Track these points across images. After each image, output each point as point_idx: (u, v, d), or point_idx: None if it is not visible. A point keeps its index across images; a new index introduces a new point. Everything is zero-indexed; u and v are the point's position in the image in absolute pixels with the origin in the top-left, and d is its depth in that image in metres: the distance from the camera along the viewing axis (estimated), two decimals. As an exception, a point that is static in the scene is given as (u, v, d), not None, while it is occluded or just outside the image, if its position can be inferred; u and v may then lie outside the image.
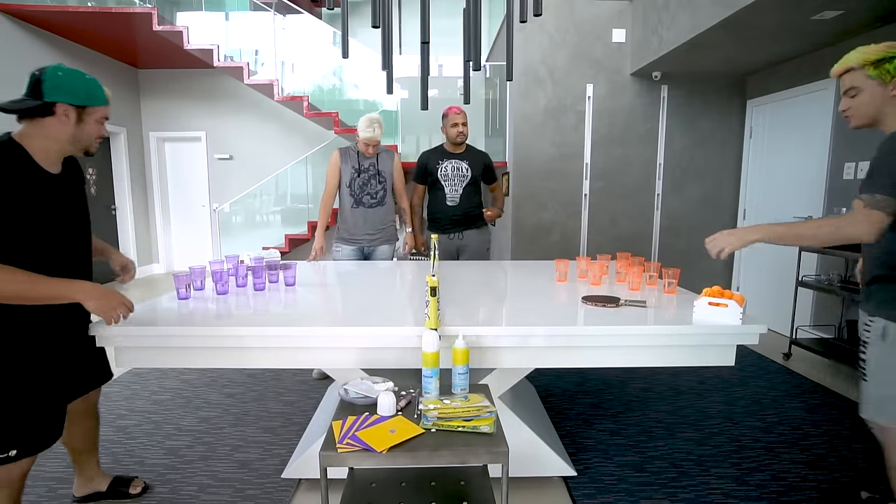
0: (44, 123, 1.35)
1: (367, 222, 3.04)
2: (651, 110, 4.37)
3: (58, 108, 1.35)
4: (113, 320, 1.42)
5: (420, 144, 5.38)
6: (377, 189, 3.04)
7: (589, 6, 4.22)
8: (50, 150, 1.38)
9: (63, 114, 1.36)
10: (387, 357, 1.59)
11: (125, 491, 1.82)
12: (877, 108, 1.48)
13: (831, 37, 3.30)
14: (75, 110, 1.38)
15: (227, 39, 5.39)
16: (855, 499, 1.85)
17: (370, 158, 3.00)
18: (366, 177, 3.00)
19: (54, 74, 1.36)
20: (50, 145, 1.38)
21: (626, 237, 4.52)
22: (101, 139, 1.50)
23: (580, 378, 2.98)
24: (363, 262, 3.00)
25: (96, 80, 1.47)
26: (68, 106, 1.37)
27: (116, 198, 6.08)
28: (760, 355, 3.39)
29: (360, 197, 3.01)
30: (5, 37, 4.47)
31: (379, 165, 3.02)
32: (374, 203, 3.04)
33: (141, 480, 1.89)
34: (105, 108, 1.48)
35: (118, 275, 1.80)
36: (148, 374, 2.98)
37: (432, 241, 1.82)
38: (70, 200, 1.48)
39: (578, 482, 1.93)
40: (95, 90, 1.45)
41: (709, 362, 1.64)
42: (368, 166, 2.99)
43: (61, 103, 1.35)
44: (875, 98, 1.47)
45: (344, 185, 3.00)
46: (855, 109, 1.54)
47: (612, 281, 2.30)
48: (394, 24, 6.10)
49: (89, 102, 1.42)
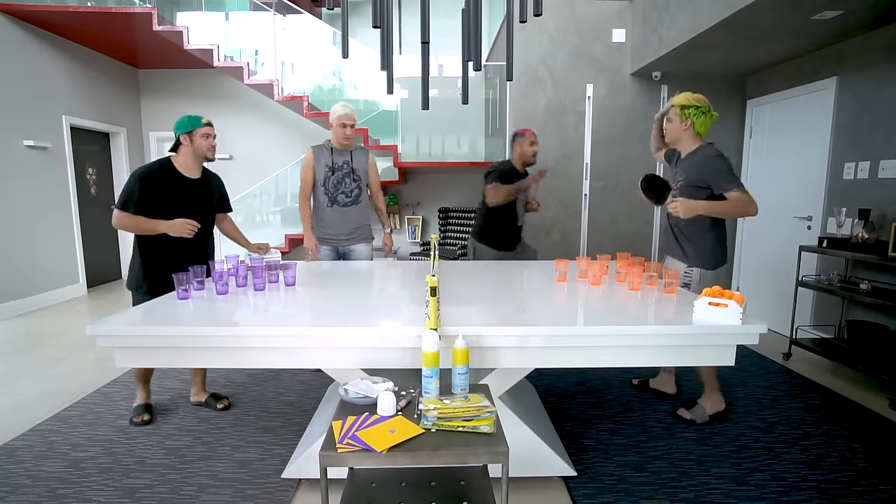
0: (180, 149, 2.36)
1: (343, 221, 3.01)
2: (651, 110, 4.36)
3: (181, 139, 2.33)
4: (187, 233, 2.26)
5: (420, 144, 5.38)
6: (352, 187, 3.01)
7: (589, 6, 4.22)
8: (185, 163, 2.36)
9: (183, 141, 2.33)
10: (387, 357, 1.59)
11: (214, 404, 2.57)
12: (678, 134, 2.37)
13: (831, 37, 3.30)
14: (187, 135, 2.32)
15: (227, 39, 5.39)
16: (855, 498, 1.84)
17: (344, 156, 2.98)
18: (340, 175, 2.97)
19: (176, 124, 2.33)
20: (184, 160, 2.35)
21: (626, 237, 4.52)
22: (212, 148, 2.39)
23: (580, 378, 2.98)
24: (363, 262, 2.98)
25: (196, 115, 2.35)
26: (183, 134, 2.32)
27: (116, 198, 6.08)
28: (760, 355, 3.39)
29: (334, 196, 2.98)
30: (5, 37, 4.46)
31: (353, 163, 3.00)
32: (350, 202, 3.01)
33: (227, 399, 2.60)
34: (203, 127, 2.34)
35: (260, 251, 2.67)
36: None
37: (432, 240, 1.82)
38: (199, 195, 2.41)
39: (578, 482, 1.93)
40: (193, 119, 2.33)
41: (709, 362, 1.64)
42: (342, 164, 2.97)
43: (181, 135, 2.33)
44: (677, 128, 2.36)
45: (318, 184, 2.97)
46: (668, 132, 2.42)
47: (612, 281, 2.30)
48: (394, 24, 6.10)
49: (192, 127, 2.33)
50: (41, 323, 4.23)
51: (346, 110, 2.91)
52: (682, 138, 2.37)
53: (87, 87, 5.44)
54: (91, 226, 5.57)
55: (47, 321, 4.28)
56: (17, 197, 4.54)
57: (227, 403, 2.59)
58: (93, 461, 2.07)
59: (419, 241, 6.49)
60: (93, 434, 2.30)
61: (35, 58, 4.77)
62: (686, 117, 2.32)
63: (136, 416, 2.41)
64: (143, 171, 2.25)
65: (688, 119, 2.32)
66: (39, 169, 4.78)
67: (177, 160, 2.35)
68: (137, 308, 1.82)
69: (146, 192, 2.23)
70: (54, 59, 5.01)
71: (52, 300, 4.92)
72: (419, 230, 6.47)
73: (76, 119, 5.26)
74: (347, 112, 2.91)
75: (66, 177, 5.11)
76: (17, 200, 4.53)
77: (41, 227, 4.80)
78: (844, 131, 3.40)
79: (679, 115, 2.32)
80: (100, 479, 1.94)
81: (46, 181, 4.87)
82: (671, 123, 2.37)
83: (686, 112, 2.30)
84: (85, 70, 5.41)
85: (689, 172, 2.32)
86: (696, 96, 2.31)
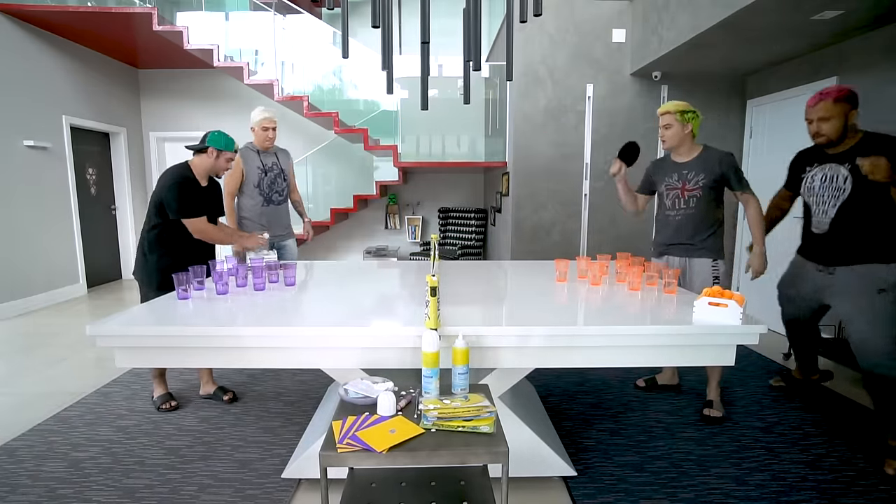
0: (201, 157, 2.45)
1: (277, 219, 3.14)
2: (651, 110, 4.36)
3: (210, 149, 2.43)
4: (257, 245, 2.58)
5: (420, 144, 5.38)
6: (283, 186, 3.16)
7: (589, 6, 4.22)
8: (200, 172, 2.46)
9: (210, 154, 2.43)
10: (387, 357, 1.59)
11: (220, 396, 2.66)
12: (679, 139, 2.44)
13: (831, 37, 3.30)
14: (217, 151, 2.43)
15: (227, 39, 5.39)
16: (854, 498, 1.85)
17: (271, 157, 3.09)
18: (272, 175, 3.08)
19: (212, 135, 2.43)
20: (200, 170, 2.46)
21: (626, 237, 4.52)
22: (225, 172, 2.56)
23: (580, 378, 2.98)
24: (364, 262, 3.00)
25: (232, 139, 2.49)
26: (214, 148, 2.43)
27: (116, 198, 6.08)
28: (760, 355, 3.39)
29: (269, 195, 3.08)
30: (5, 37, 4.46)
31: (281, 164, 3.14)
32: (282, 200, 3.17)
33: (232, 392, 2.68)
34: (232, 153, 2.49)
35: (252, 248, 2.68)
36: (148, 374, 2.98)
37: (432, 240, 1.82)
38: (211, 200, 2.54)
39: (578, 482, 1.93)
40: (230, 142, 2.48)
41: (709, 362, 1.64)
42: (272, 165, 3.08)
43: (212, 147, 2.42)
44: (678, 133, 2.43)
45: (251, 185, 3.03)
46: (668, 139, 2.48)
47: (612, 281, 2.30)
48: (394, 24, 6.10)
49: (226, 148, 2.46)
50: (41, 323, 4.23)
51: (268, 114, 3.00)
52: (685, 142, 2.46)
53: (87, 87, 5.44)
54: (91, 226, 5.58)
55: (47, 321, 4.28)
56: (17, 197, 4.54)
57: (232, 395, 2.66)
58: (93, 461, 2.07)
59: (419, 241, 6.49)
60: (93, 434, 2.30)
61: (35, 58, 4.77)
62: (686, 121, 2.42)
63: (162, 403, 2.55)
64: (177, 178, 2.35)
65: (688, 123, 2.42)
66: (39, 169, 4.78)
67: (195, 167, 2.45)
68: (137, 308, 1.82)
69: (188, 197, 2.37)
70: (54, 59, 5.01)
71: (52, 300, 4.92)
72: (419, 230, 6.48)
73: (76, 119, 5.26)
74: (269, 115, 3.00)
75: (66, 177, 5.11)
76: (17, 200, 4.53)
77: (41, 227, 4.80)
78: (844, 131, 3.39)
79: (679, 120, 2.41)
80: (100, 479, 1.94)
81: (46, 181, 4.87)
82: (670, 130, 2.44)
83: (686, 117, 2.41)
84: (85, 70, 5.41)
85: (707, 172, 2.39)
86: (685, 103, 2.45)
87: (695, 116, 2.43)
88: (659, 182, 2.60)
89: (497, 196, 5.25)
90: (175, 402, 2.57)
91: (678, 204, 2.48)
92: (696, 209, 2.43)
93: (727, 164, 2.37)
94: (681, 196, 2.47)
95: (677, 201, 2.49)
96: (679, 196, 2.47)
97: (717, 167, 2.37)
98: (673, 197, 2.51)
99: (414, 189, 6.50)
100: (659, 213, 2.66)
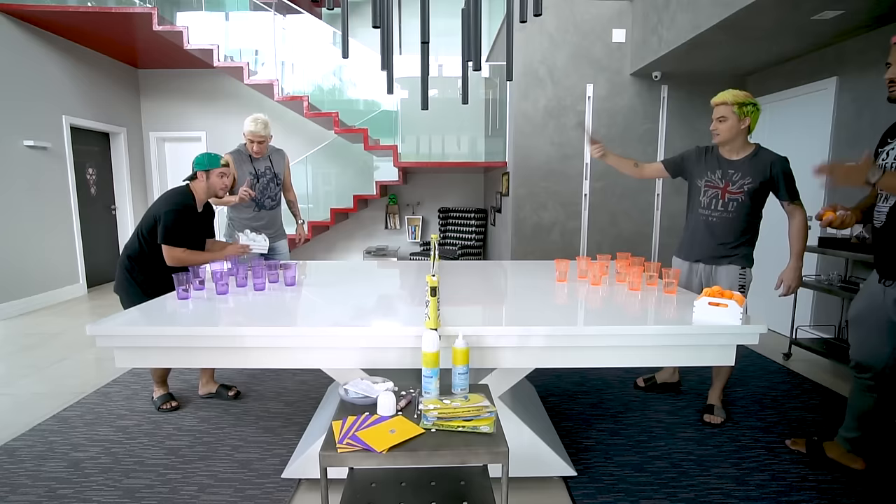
0: (195, 183, 2.44)
1: (268, 224, 3.09)
2: (651, 110, 4.36)
3: (198, 174, 2.41)
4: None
5: (420, 144, 5.38)
6: (276, 191, 3.11)
7: (589, 6, 4.22)
8: (200, 196, 2.44)
9: (199, 177, 2.41)
10: (387, 357, 1.59)
11: (224, 393, 2.67)
12: (734, 134, 2.18)
13: (831, 37, 3.30)
14: (204, 173, 2.40)
15: (227, 39, 5.39)
16: (856, 500, 1.84)
17: (265, 161, 3.02)
18: (265, 180, 3.02)
19: (196, 159, 2.41)
20: (199, 194, 2.44)
21: (626, 237, 4.52)
22: (224, 188, 2.48)
23: (580, 378, 2.98)
24: (364, 262, 3.00)
25: (216, 155, 2.44)
26: (200, 171, 2.40)
27: (116, 198, 6.08)
28: (760, 355, 3.39)
29: (261, 201, 3.03)
30: (5, 37, 4.46)
31: (275, 168, 3.07)
32: (274, 205, 3.12)
33: (235, 388, 2.70)
34: (220, 168, 2.43)
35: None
36: (148, 374, 2.98)
37: (432, 240, 1.82)
38: (203, 224, 2.51)
39: (578, 482, 1.93)
40: (213, 159, 2.42)
41: (709, 362, 1.64)
42: (265, 170, 3.01)
43: (198, 171, 2.41)
44: (734, 126, 2.16)
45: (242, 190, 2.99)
46: (720, 133, 2.20)
47: (612, 281, 2.30)
48: (394, 24, 6.10)
49: (210, 166, 2.41)
50: (41, 323, 4.23)
51: (255, 127, 2.83)
52: (738, 138, 2.18)
53: (87, 87, 5.44)
54: (91, 226, 5.58)
55: (47, 321, 4.28)
56: (17, 197, 4.54)
57: (236, 391, 2.69)
58: (93, 461, 2.07)
59: (419, 241, 6.50)
60: (93, 434, 2.30)
61: (35, 58, 4.77)
62: (745, 115, 2.13)
63: (162, 403, 2.55)
64: (177, 205, 2.32)
65: (747, 117, 2.14)
66: (39, 169, 4.78)
67: (195, 191, 2.44)
68: (137, 308, 1.83)
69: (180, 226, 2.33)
70: (54, 59, 5.01)
71: (52, 300, 4.92)
72: (419, 230, 6.48)
73: (76, 119, 5.26)
74: (255, 129, 2.83)
75: (65, 177, 5.11)
76: (17, 200, 4.53)
77: (41, 227, 4.80)
78: (844, 131, 3.40)
79: (737, 112, 2.12)
80: (100, 479, 1.94)
81: (46, 181, 4.87)
82: (725, 123, 2.16)
83: (745, 110, 2.12)
84: (85, 70, 5.41)
85: (756, 176, 2.16)
86: (745, 93, 2.14)
87: (754, 109, 2.13)
88: (697, 175, 2.34)
89: (497, 196, 5.25)
90: (176, 402, 2.57)
91: (715, 205, 2.26)
92: (735, 215, 2.22)
93: (780, 169, 2.13)
94: (720, 197, 2.24)
95: (715, 202, 2.26)
96: (718, 197, 2.25)
97: (767, 171, 2.14)
98: (711, 196, 2.27)
99: (414, 189, 6.51)
100: (689, 213, 2.43)
